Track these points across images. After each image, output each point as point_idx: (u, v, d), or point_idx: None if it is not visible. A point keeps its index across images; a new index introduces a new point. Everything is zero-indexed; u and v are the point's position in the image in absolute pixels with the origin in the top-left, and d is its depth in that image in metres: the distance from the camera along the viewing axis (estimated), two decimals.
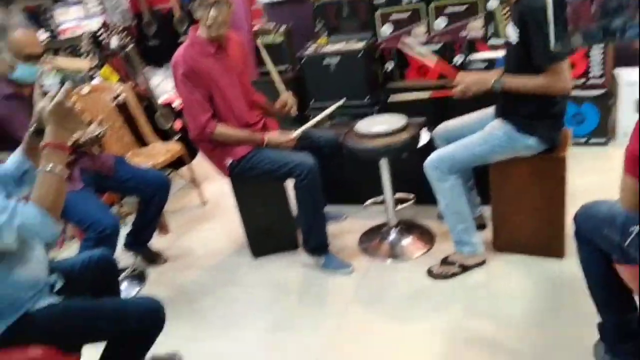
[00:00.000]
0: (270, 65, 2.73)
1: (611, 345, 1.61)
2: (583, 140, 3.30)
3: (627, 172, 1.20)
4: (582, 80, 3.14)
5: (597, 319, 1.67)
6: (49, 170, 1.40)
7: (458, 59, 3.23)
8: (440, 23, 3.15)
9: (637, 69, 2.52)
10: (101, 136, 2.38)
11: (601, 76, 3.12)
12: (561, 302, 2.07)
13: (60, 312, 1.53)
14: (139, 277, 2.78)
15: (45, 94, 1.43)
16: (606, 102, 3.18)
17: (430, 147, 2.44)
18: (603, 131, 3.25)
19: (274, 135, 2.48)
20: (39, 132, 1.49)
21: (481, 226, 2.55)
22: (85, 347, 1.62)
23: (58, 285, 1.65)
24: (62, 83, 1.45)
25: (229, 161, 2.47)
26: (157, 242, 2.99)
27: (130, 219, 2.80)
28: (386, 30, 3.29)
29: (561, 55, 1.92)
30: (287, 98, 2.65)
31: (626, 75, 3.18)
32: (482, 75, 2.14)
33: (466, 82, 2.15)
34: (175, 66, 2.37)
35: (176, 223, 3.32)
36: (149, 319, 1.61)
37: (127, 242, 2.77)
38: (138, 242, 2.80)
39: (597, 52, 3.06)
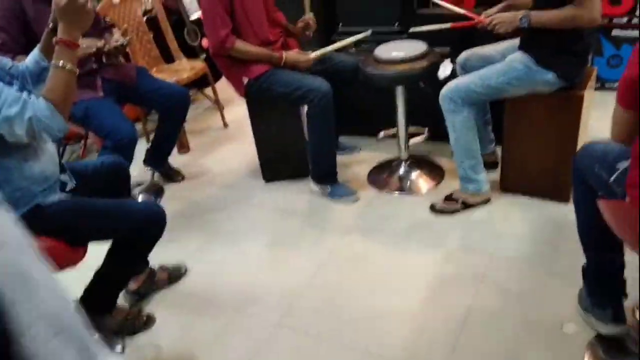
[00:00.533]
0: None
1: (592, 286, 1.62)
2: (615, 85, 3.13)
3: (618, 102, 1.17)
4: (626, 18, 2.93)
5: None
6: (60, 66, 1.45)
7: None
8: None
9: None
10: (125, 45, 2.42)
11: None
12: (558, 246, 2.07)
13: (69, 208, 1.64)
14: (157, 191, 2.89)
15: None
16: None
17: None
18: None
19: (292, 54, 2.47)
20: (55, 30, 1.54)
21: (493, 164, 2.52)
22: (91, 244, 1.72)
23: (70, 185, 1.74)
24: None
25: (245, 80, 2.48)
26: (176, 160, 3.10)
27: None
28: None
29: None
30: (309, 19, 2.60)
31: None
32: (509, 14, 2.06)
33: (495, 19, 2.08)
34: None
35: (197, 143, 3.42)
36: (152, 221, 1.71)
37: (147, 157, 2.87)
38: (157, 157, 2.90)
39: None
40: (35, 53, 1.64)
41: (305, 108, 2.47)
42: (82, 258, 1.68)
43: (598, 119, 2.14)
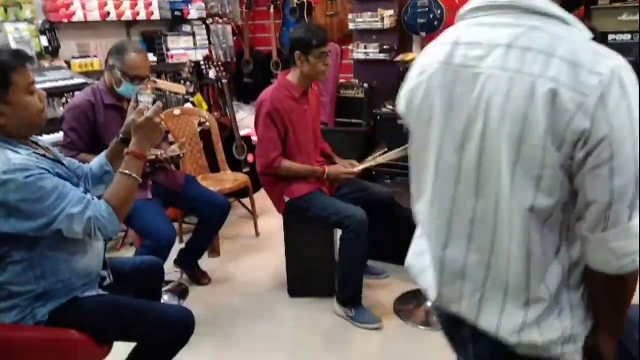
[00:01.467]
0: (390, 156, 2.60)
1: None
2: None
3: None
4: None
5: None
6: (126, 173, 1.59)
7: None
8: None
9: None
10: (180, 157, 2.63)
11: None
12: None
13: (105, 304, 1.68)
14: (181, 292, 2.94)
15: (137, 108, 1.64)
16: None
17: None
18: None
19: (334, 168, 2.62)
20: (124, 141, 1.71)
21: None
22: (116, 343, 1.74)
23: (107, 281, 1.80)
24: (154, 102, 1.66)
25: (286, 198, 2.61)
26: (205, 263, 3.17)
27: (187, 237, 3.00)
28: None
29: None
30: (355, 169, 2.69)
31: None
32: None
33: None
34: (261, 104, 2.56)
35: (228, 248, 3.50)
36: (180, 329, 1.74)
37: (178, 258, 2.95)
38: (188, 259, 2.98)
39: None
40: (101, 158, 1.80)
41: (339, 232, 2.56)
42: (106, 356, 1.70)
43: None
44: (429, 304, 2.66)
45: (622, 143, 0.86)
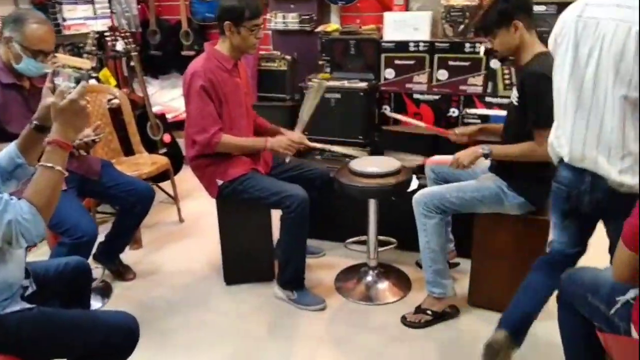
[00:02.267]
0: (309, 105, 2.54)
1: None
2: None
3: (625, 245, 1.22)
4: None
5: None
6: (50, 167, 1.35)
7: (454, 112, 3.29)
8: (443, 74, 3.22)
9: None
10: (96, 142, 2.34)
11: None
12: None
13: (33, 320, 1.45)
14: (104, 290, 2.68)
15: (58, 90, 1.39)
16: None
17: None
18: None
19: (277, 139, 2.47)
20: (39, 128, 1.45)
21: (452, 265, 2.63)
22: None
23: (30, 290, 1.57)
24: (77, 82, 1.41)
25: (219, 182, 2.44)
26: (127, 256, 2.92)
27: (104, 228, 2.73)
28: (388, 74, 3.35)
29: (549, 123, 2.00)
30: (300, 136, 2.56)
31: None
32: (469, 149, 2.22)
33: (457, 155, 2.23)
34: (192, 76, 2.32)
35: (150, 238, 3.25)
36: (123, 336, 1.54)
37: (98, 252, 2.68)
38: (109, 253, 2.73)
39: None
40: (11, 150, 1.51)
41: (279, 212, 2.45)
42: None
43: None
44: (369, 278, 2.66)
45: None
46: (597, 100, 1.61)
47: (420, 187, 2.51)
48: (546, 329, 2.15)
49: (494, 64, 3.16)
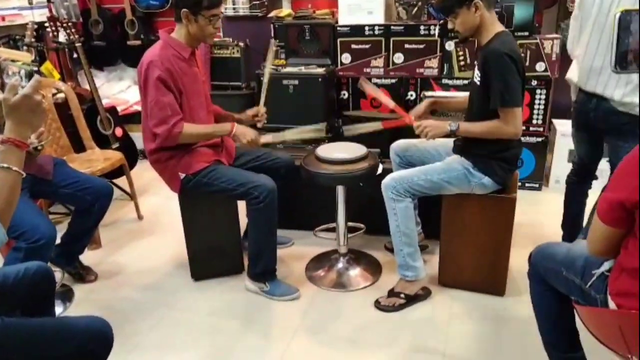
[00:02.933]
0: (265, 88, 2.64)
1: None
2: (519, 183, 3.48)
3: (600, 219, 1.26)
4: (524, 127, 3.33)
5: (538, 357, 1.74)
6: (5, 167, 1.25)
7: (411, 95, 3.32)
8: (399, 58, 3.24)
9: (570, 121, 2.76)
10: (39, 150, 2.19)
11: (541, 125, 3.32)
12: (504, 339, 2.14)
13: None
14: (65, 294, 2.55)
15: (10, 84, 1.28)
16: (543, 150, 3.39)
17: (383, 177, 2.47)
18: (538, 177, 3.45)
19: (243, 129, 2.39)
20: None
21: (422, 247, 2.63)
22: None
23: None
24: (28, 77, 1.31)
25: (182, 175, 2.36)
26: (86, 257, 2.78)
27: (58, 229, 2.58)
28: (345, 59, 3.33)
29: (515, 101, 2.04)
30: (263, 110, 2.60)
31: (561, 126, 3.41)
32: (439, 122, 2.24)
33: (425, 124, 2.23)
34: (149, 67, 2.21)
35: (108, 237, 3.12)
36: (97, 341, 1.46)
37: (55, 255, 2.51)
38: (68, 255, 2.59)
39: (540, 101, 3.26)
40: None
41: (246, 204, 2.39)
42: None
43: (519, 214, 2.33)
44: (340, 265, 2.66)
45: None
46: (609, 32, 1.91)
47: (385, 171, 2.52)
48: (520, 304, 2.22)
49: (449, 46, 3.21)
